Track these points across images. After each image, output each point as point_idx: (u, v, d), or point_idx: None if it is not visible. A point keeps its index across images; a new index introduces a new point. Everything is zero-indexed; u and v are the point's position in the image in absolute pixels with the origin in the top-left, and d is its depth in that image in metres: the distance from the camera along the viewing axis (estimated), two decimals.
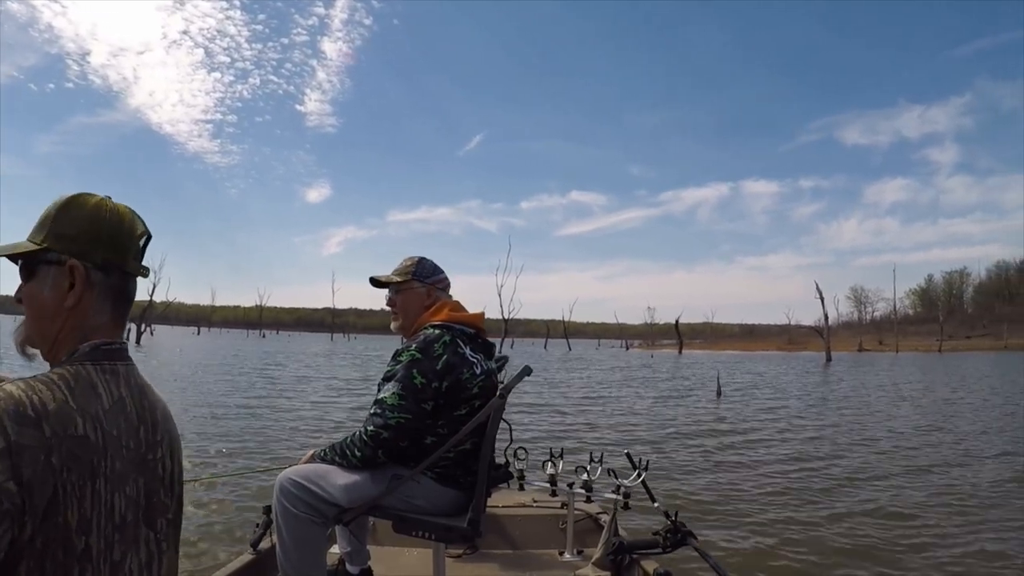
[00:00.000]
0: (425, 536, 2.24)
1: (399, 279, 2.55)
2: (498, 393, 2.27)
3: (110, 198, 1.10)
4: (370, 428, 2.24)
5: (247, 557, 2.86)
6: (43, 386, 0.92)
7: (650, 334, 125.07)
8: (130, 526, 1.00)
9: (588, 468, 3.39)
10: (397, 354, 2.35)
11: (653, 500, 3.24)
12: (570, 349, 76.91)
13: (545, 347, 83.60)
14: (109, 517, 0.96)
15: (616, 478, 3.29)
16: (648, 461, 3.31)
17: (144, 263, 1.14)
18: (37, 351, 1.09)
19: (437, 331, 2.39)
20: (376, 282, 2.61)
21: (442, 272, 2.63)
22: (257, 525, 2.96)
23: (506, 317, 70.24)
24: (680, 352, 68.17)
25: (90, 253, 1.04)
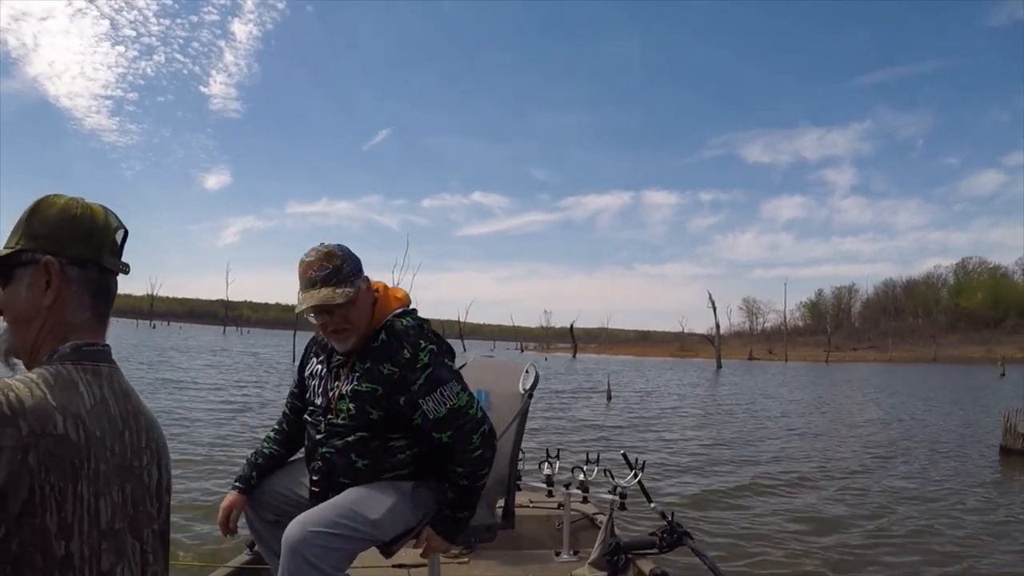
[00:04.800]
0: (472, 541, 2.30)
1: (350, 289, 2.09)
2: (528, 394, 2.44)
3: (82, 198, 1.12)
4: (482, 430, 2.08)
5: (244, 558, 2.87)
6: (20, 384, 0.93)
7: (546, 337, 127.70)
8: (118, 534, 1.00)
9: (584, 468, 3.58)
10: (408, 360, 2.07)
11: (650, 500, 3.46)
12: (465, 350, 76.82)
13: None
14: (93, 523, 0.95)
15: (612, 478, 3.47)
16: (644, 462, 3.50)
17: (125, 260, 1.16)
18: (20, 361, 1.09)
19: (412, 320, 2.17)
20: (320, 308, 2.10)
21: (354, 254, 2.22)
22: None
23: None
24: (575, 356, 70.26)
25: (64, 248, 1.06)
